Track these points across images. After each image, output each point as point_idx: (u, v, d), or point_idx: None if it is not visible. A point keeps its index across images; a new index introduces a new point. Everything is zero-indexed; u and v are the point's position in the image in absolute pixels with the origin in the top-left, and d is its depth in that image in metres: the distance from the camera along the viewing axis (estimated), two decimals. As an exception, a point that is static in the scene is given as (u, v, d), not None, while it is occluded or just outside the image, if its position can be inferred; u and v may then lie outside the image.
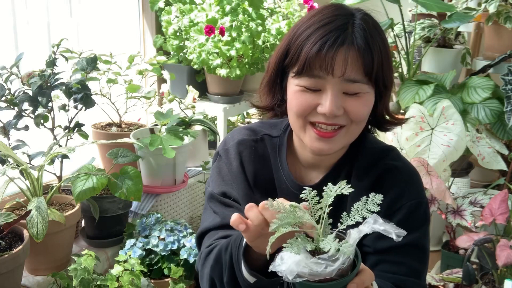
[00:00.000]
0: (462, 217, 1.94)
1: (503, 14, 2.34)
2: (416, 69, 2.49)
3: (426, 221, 1.00)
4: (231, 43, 2.13)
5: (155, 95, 2.07)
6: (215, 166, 1.12)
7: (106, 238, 1.75)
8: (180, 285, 1.64)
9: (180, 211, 2.11)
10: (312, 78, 0.89)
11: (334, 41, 0.86)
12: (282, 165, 1.05)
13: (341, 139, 0.93)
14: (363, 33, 0.88)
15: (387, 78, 0.92)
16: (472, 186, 2.66)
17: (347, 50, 0.86)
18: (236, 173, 1.06)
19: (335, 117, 0.90)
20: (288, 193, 1.03)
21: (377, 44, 0.89)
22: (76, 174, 1.50)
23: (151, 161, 1.90)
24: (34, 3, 1.94)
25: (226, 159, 1.08)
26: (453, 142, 1.88)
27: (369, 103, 0.93)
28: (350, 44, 0.86)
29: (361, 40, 0.87)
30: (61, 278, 1.45)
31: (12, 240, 1.35)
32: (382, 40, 0.91)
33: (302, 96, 0.91)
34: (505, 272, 1.57)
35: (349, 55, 0.86)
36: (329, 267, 0.68)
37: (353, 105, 0.90)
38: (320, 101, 0.90)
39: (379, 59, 0.88)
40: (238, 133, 1.10)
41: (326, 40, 0.86)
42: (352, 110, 0.90)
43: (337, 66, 0.86)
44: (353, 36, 0.87)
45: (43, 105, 1.58)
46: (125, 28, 2.44)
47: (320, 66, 0.87)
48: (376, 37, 0.89)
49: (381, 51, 0.89)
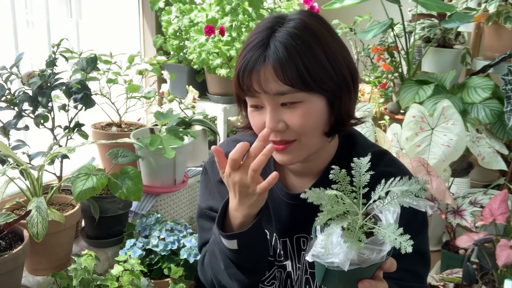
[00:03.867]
0: (462, 217, 1.94)
1: (503, 14, 2.34)
2: (416, 69, 2.49)
3: (425, 226, 1.01)
4: (231, 43, 2.13)
5: (155, 95, 2.07)
6: (202, 180, 1.14)
7: (106, 238, 1.75)
8: (180, 285, 1.64)
9: (180, 211, 2.11)
10: (250, 97, 0.91)
11: (248, 64, 0.88)
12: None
13: (296, 151, 0.92)
14: (279, 46, 0.86)
15: (324, 80, 0.88)
16: (472, 186, 2.66)
17: (259, 68, 0.87)
18: (222, 186, 1.05)
19: (280, 133, 0.90)
20: (280, 202, 1.03)
21: (296, 52, 0.86)
22: (76, 174, 1.50)
23: (151, 161, 1.90)
24: (34, 3, 1.94)
25: (212, 172, 1.10)
26: (453, 142, 1.88)
27: (311, 112, 0.89)
28: (262, 63, 0.87)
29: (274, 55, 0.86)
30: (61, 278, 1.45)
31: (12, 240, 1.35)
32: (306, 45, 0.87)
33: (254, 116, 0.93)
34: (505, 272, 1.57)
35: (262, 73, 0.87)
36: (382, 252, 0.68)
37: (291, 117, 0.89)
38: (265, 119, 0.91)
39: (299, 66, 0.86)
40: (224, 146, 1.10)
41: (243, 64, 0.89)
42: (292, 122, 0.89)
43: (255, 85, 0.88)
44: (267, 52, 0.87)
45: (43, 105, 1.58)
46: (125, 28, 2.44)
47: (248, 88, 0.89)
48: (296, 45, 0.86)
49: (303, 59, 0.86)
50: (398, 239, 0.64)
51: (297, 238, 1.03)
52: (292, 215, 1.02)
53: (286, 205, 1.02)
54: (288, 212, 1.02)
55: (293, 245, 1.04)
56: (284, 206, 1.02)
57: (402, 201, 0.69)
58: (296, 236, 1.03)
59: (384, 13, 2.34)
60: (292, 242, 1.04)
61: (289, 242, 1.04)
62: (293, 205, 1.02)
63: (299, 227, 1.02)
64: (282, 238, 1.04)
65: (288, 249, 1.04)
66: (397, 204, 0.69)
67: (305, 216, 1.00)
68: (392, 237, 0.65)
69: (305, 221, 1.00)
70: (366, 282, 0.73)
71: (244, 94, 0.92)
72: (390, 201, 0.70)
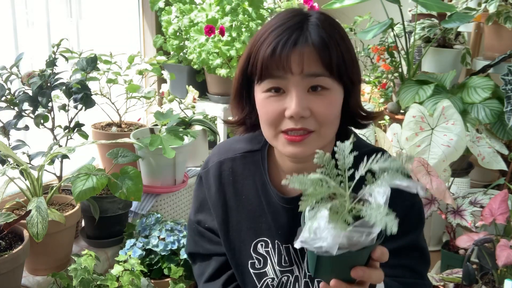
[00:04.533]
0: (462, 217, 1.94)
1: (503, 14, 2.34)
2: (416, 69, 2.49)
3: (421, 222, 1.00)
4: (231, 43, 2.13)
5: (155, 95, 2.07)
6: (196, 190, 1.13)
7: (106, 238, 1.75)
8: (180, 285, 1.64)
9: (180, 211, 2.11)
10: (273, 79, 0.88)
11: (287, 40, 0.86)
12: (268, 179, 1.03)
13: (313, 142, 0.91)
14: (318, 30, 0.87)
15: (351, 71, 0.91)
16: (472, 186, 2.66)
17: (302, 47, 0.86)
18: (214, 200, 1.07)
19: (302, 120, 0.88)
20: (277, 208, 1.02)
21: (334, 39, 0.88)
22: (76, 174, 1.50)
23: (151, 161, 1.90)
24: (34, 3, 1.94)
25: (206, 183, 1.09)
26: (453, 142, 1.88)
27: (336, 102, 0.91)
28: (304, 42, 0.86)
29: (316, 37, 0.86)
30: (61, 278, 1.45)
31: (12, 240, 1.35)
32: (340, 36, 0.90)
33: (268, 103, 0.90)
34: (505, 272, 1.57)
35: (305, 52, 0.86)
36: (371, 235, 0.64)
37: (319, 105, 0.88)
38: (286, 104, 0.88)
39: (338, 52, 0.88)
40: (217, 154, 1.10)
41: (279, 40, 0.86)
42: (318, 110, 0.88)
43: (294, 64, 0.86)
44: (307, 33, 0.87)
45: (43, 105, 1.58)
46: (125, 28, 2.44)
47: (278, 66, 0.87)
48: (333, 33, 0.88)
49: (339, 45, 0.88)
50: (384, 219, 0.61)
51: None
52: (290, 220, 1.01)
53: (283, 210, 1.01)
54: (286, 217, 1.01)
55: (296, 250, 1.03)
56: (282, 211, 1.01)
57: (390, 183, 0.66)
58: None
59: (384, 13, 2.34)
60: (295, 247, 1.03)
61: (292, 248, 1.03)
62: (290, 210, 1.00)
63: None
64: (285, 244, 1.03)
65: (291, 255, 1.03)
66: (386, 186, 0.66)
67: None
68: (378, 217, 0.62)
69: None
70: (359, 270, 0.70)
71: (265, 77, 0.89)
72: (377, 182, 0.67)
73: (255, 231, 1.04)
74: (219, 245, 1.09)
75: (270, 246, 1.03)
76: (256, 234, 1.04)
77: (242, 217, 1.04)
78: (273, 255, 1.04)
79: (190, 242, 1.15)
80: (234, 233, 1.06)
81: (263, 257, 1.04)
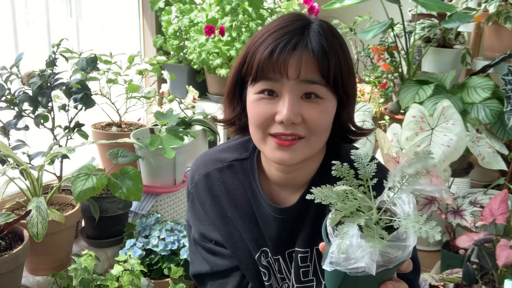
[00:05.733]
0: (462, 217, 1.94)
1: (503, 14, 2.34)
2: (416, 69, 2.49)
3: None
4: (231, 43, 2.13)
5: (155, 95, 2.07)
6: (190, 207, 1.07)
7: (106, 238, 1.75)
8: (180, 285, 1.64)
9: (180, 211, 2.11)
10: (267, 81, 0.86)
11: (287, 44, 0.84)
12: (258, 189, 1.00)
13: (301, 149, 0.88)
14: (319, 38, 0.85)
15: (347, 83, 0.89)
16: (472, 186, 2.66)
17: (301, 52, 0.84)
18: (211, 213, 1.03)
19: (293, 126, 0.86)
20: (268, 217, 0.99)
21: (333, 48, 0.86)
22: (76, 174, 1.50)
23: (151, 161, 1.90)
24: (34, 3, 1.94)
25: (199, 199, 1.04)
26: (453, 142, 1.88)
27: (328, 111, 0.89)
28: (304, 47, 0.85)
29: (316, 44, 0.85)
30: (61, 278, 1.45)
31: (12, 240, 1.35)
32: (340, 46, 0.88)
33: (260, 105, 0.88)
34: (505, 272, 1.57)
35: (303, 57, 0.84)
36: (408, 248, 0.59)
37: (311, 112, 0.86)
38: (277, 109, 0.86)
39: (336, 62, 0.86)
40: (202, 166, 1.05)
41: (279, 43, 0.85)
42: (310, 117, 0.86)
43: (291, 68, 0.84)
44: (307, 39, 0.85)
45: (43, 105, 1.58)
46: (125, 28, 2.44)
47: (274, 69, 0.85)
48: (333, 42, 0.87)
49: (339, 56, 0.87)
50: (423, 227, 0.56)
51: (289, 254, 1.00)
52: (280, 230, 0.99)
53: (274, 220, 0.99)
54: (277, 227, 0.99)
55: (285, 261, 1.01)
56: (273, 221, 0.99)
57: (413, 189, 0.62)
58: (288, 251, 1.00)
59: (384, 13, 2.34)
60: (285, 258, 1.01)
61: (281, 260, 1.01)
62: (281, 220, 0.98)
63: (289, 242, 0.99)
64: (275, 256, 1.01)
65: (282, 266, 1.01)
66: (408, 193, 0.62)
67: (292, 230, 0.98)
68: (417, 226, 0.57)
69: (292, 235, 0.98)
70: (389, 284, 0.67)
71: (260, 78, 0.87)
72: (401, 188, 0.62)
73: (256, 242, 1.01)
74: (231, 258, 1.03)
75: (270, 256, 1.01)
76: (258, 245, 1.01)
77: (243, 227, 1.01)
78: (273, 266, 1.02)
79: (196, 263, 1.07)
80: (242, 244, 1.02)
81: (267, 269, 1.02)
